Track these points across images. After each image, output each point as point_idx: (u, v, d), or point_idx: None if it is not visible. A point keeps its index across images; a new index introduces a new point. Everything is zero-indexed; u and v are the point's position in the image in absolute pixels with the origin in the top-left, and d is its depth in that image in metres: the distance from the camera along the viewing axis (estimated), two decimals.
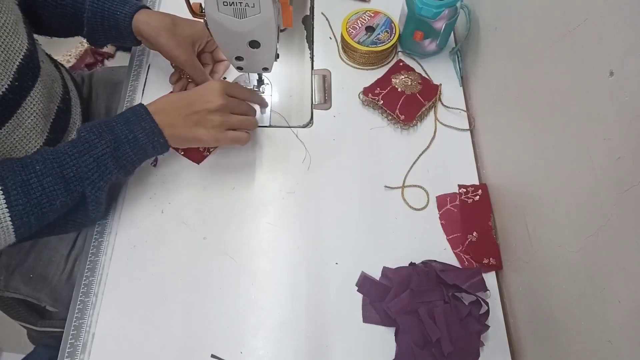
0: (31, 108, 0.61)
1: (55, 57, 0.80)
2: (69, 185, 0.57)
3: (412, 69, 0.83)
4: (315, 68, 0.84)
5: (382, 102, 0.77)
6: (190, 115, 0.64)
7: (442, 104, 0.80)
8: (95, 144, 0.58)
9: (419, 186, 0.73)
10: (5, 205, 0.52)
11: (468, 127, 0.78)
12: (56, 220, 0.60)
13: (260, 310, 0.63)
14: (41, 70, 0.65)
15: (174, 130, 0.63)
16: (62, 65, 0.78)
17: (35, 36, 0.70)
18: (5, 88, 0.55)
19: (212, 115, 0.65)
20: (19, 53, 0.58)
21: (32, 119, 0.61)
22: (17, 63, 0.58)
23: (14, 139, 0.60)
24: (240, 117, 0.68)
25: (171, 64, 0.79)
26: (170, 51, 0.73)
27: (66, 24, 0.74)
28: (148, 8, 0.75)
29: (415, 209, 0.71)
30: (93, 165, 0.58)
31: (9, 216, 0.53)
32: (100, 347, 0.59)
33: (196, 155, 0.73)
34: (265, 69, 0.72)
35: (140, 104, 0.63)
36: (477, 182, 0.74)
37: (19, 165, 0.55)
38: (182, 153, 0.73)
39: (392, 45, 0.82)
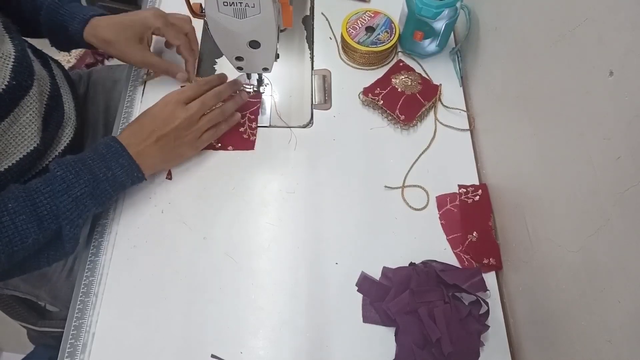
0: (27, 106, 0.61)
1: (56, 57, 0.80)
2: (43, 223, 0.56)
3: (412, 69, 0.83)
4: (315, 68, 0.84)
5: (382, 102, 0.77)
6: (162, 141, 0.65)
7: (442, 104, 0.80)
8: (74, 184, 0.58)
9: (419, 186, 0.73)
10: None
11: (468, 127, 0.78)
12: (28, 258, 0.59)
13: (260, 310, 0.63)
14: (35, 69, 0.65)
15: (150, 160, 0.65)
16: (54, 60, 0.78)
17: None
18: (2, 89, 0.56)
19: (180, 131, 0.66)
20: (9, 57, 0.58)
21: (27, 117, 0.61)
22: (11, 65, 0.58)
23: (9, 135, 0.60)
24: (209, 115, 0.69)
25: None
26: (123, 59, 0.73)
27: (31, 33, 0.73)
28: (102, 14, 0.72)
29: (415, 209, 0.71)
30: (72, 205, 0.57)
31: None
32: (100, 347, 0.59)
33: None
34: (265, 69, 0.72)
35: (112, 138, 0.63)
36: (477, 182, 0.74)
37: None
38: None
39: (392, 45, 0.82)
